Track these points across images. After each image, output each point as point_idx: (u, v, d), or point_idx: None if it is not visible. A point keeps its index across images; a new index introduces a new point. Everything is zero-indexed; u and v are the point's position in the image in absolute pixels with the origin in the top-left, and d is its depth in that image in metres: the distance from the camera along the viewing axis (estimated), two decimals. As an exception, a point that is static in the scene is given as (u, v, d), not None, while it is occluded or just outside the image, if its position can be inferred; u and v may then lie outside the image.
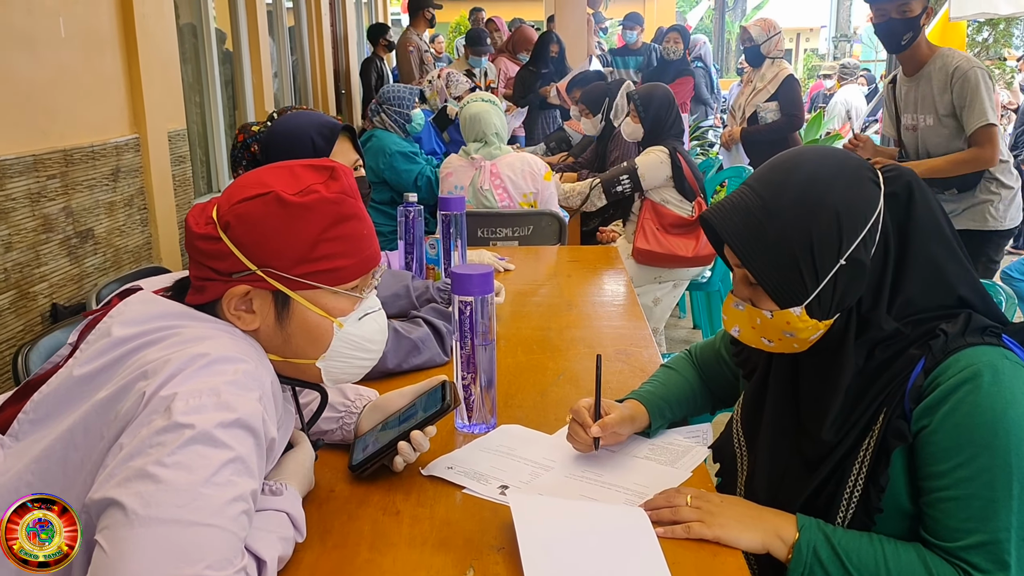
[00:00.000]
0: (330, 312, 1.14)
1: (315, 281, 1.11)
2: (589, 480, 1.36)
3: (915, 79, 3.12)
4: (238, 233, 1.08)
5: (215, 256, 1.09)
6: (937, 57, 3.05)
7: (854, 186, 1.19)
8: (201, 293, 1.12)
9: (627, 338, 2.06)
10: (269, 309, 1.12)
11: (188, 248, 1.12)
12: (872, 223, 1.18)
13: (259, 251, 1.09)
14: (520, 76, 6.28)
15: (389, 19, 11.90)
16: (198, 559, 0.88)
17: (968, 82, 2.95)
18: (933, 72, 3.06)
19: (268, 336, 1.14)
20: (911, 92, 3.14)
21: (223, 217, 1.09)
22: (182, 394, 0.95)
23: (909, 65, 3.13)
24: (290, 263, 1.10)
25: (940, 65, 3.02)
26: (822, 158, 1.23)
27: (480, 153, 3.46)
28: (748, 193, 1.23)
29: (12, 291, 2.55)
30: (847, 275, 1.18)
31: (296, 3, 7.26)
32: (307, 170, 1.13)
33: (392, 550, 1.16)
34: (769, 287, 1.21)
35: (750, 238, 1.20)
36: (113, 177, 3.18)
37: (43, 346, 1.75)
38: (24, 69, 2.65)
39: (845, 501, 1.21)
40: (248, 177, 1.13)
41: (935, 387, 1.14)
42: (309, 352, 1.16)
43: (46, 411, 1.04)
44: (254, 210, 1.08)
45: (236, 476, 0.95)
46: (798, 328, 1.21)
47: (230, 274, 1.10)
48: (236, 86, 5.46)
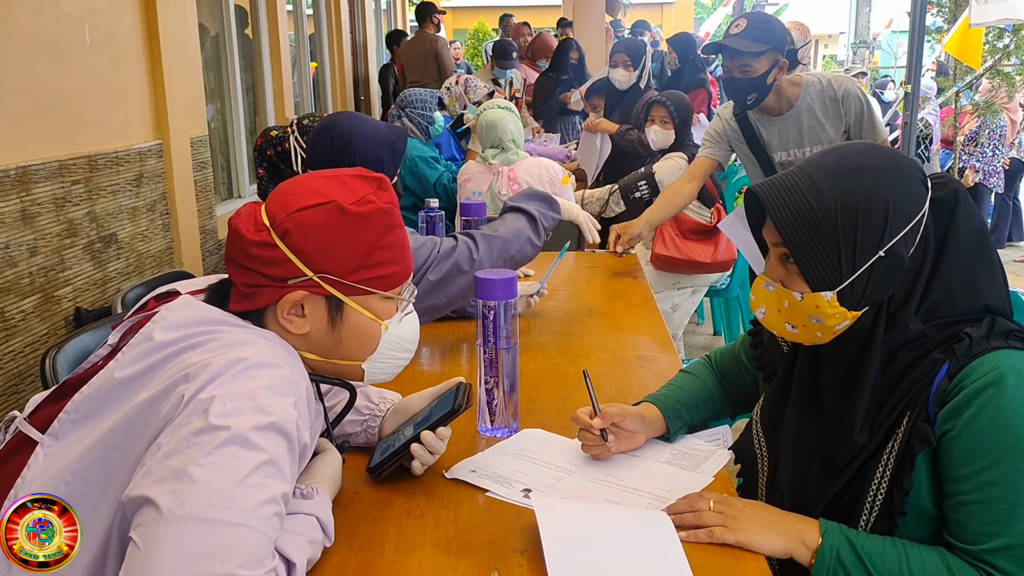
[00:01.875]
0: (378, 315, 1.19)
1: (370, 287, 1.16)
2: (611, 484, 1.36)
3: (785, 118, 2.91)
4: (297, 240, 1.10)
5: (270, 262, 1.11)
6: (809, 87, 2.86)
7: (905, 181, 1.19)
8: (250, 299, 1.13)
9: (646, 344, 2.06)
10: (322, 314, 1.15)
11: (235, 254, 1.13)
12: (916, 221, 1.18)
13: (318, 258, 1.11)
14: (540, 83, 6.31)
15: (408, 26, 11.95)
16: (230, 558, 0.90)
17: (860, 102, 2.85)
18: (813, 104, 2.87)
19: (318, 340, 1.17)
20: (785, 129, 2.93)
21: (280, 225, 1.10)
22: (220, 397, 0.97)
23: (774, 108, 2.90)
24: (348, 270, 1.13)
25: (818, 93, 2.85)
26: (874, 150, 1.24)
27: (498, 159, 3.48)
28: (798, 173, 1.23)
29: (37, 295, 2.59)
30: (884, 267, 1.18)
31: (316, 10, 7.31)
32: (357, 180, 1.16)
33: (417, 552, 1.17)
34: (805, 267, 1.20)
35: (794, 215, 1.19)
36: (136, 183, 3.22)
37: (70, 349, 1.77)
38: (50, 76, 2.69)
39: (868, 504, 1.21)
40: (297, 185, 1.15)
41: (959, 391, 1.14)
42: (357, 354, 1.21)
43: (87, 411, 1.06)
44: (314, 218, 1.10)
45: (269, 479, 0.96)
46: (826, 314, 1.20)
47: (285, 280, 1.12)
48: (257, 92, 5.50)
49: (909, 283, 1.20)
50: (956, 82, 6.95)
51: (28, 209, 2.54)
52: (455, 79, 5.21)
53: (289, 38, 5.99)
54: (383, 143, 1.94)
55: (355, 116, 2.01)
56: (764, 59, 2.71)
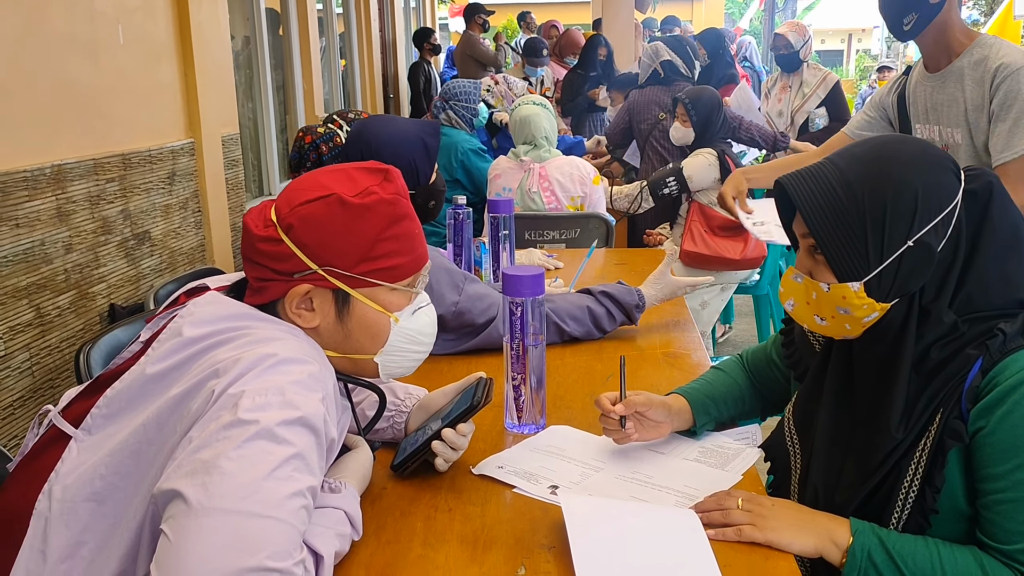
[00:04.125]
0: (387, 308, 1.19)
1: (375, 279, 1.16)
2: (639, 482, 1.36)
3: (939, 77, 2.24)
4: (300, 234, 1.11)
5: (276, 257, 1.12)
6: (976, 47, 2.18)
7: (935, 172, 1.18)
8: (260, 294, 1.15)
9: (675, 341, 2.05)
10: (330, 307, 1.16)
11: (246, 250, 1.15)
12: (947, 213, 1.17)
13: (321, 251, 1.12)
14: (568, 79, 6.29)
15: (437, 24, 11.98)
16: (259, 549, 0.90)
17: (1018, 86, 2.08)
18: (966, 68, 2.18)
19: (328, 333, 1.17)
20: (932, 94, 2.28)
21: (285, 219, 1.12)
22: (249, 392, 0.98)
23: (931, 57, 2.27)
24: (351, 262, 1.14)
25: (978, 58, 2.16)
26: (904, 141, 1.23)
27: (529, 156, 3.47)
28: (828, 165, 1.23)
29: (72, 291, 2.63)
30: (913, 258, 1.16)
31: (346, 9, 7.35)
32: (362, 172, 1.17)
33: (444, 547, 1.17)
34: (832, 256, 1.19)
35: (822, 204, 1.19)
36: (169, 180, 3.26)
37: (104, 344, 1.80)
38: (85, 75, 2.73)
39: (900, 502, 1.19)
40: (304, 180, 1.17)
41: (992, 388, 1.13)
42: (368, 347, 1.20)
43: (119, 406, 1.07)
44: (316, 212, 1.11)
45: (297, 472, 0.97)
46: (853, 305, 1.19)
47: (291, 274, 1.13)
48: (287, 91, 5.55)
49: (941, 275, 1.18)
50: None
51: (63, 207, 2.58)
52: (491, 79, 5.19)
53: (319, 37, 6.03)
54: (413, 143, 1.94)
55: (383, 120, 2.01)
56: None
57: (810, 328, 1.29)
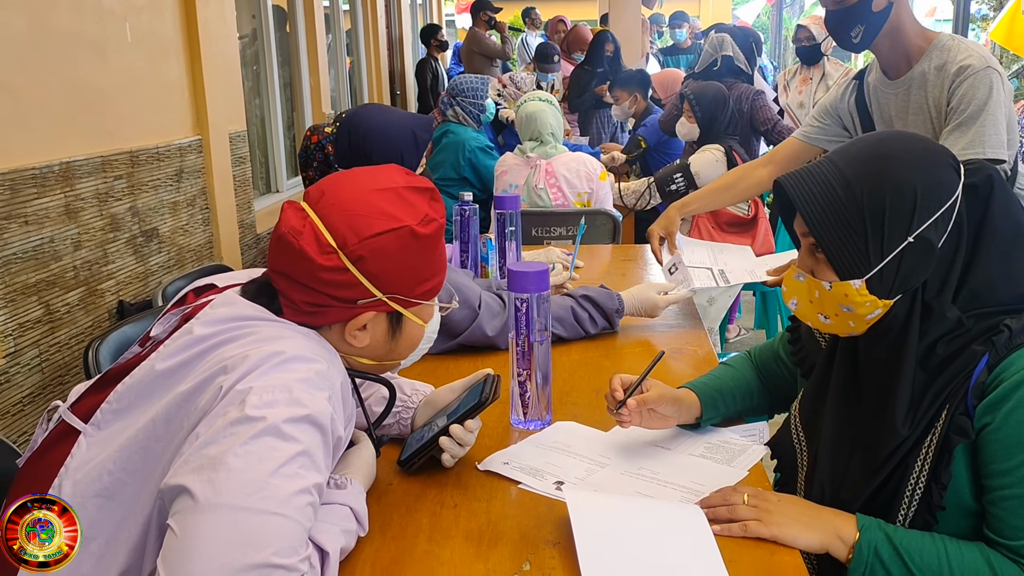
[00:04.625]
0: (425, 319, 1.23)
1: (426, 298, 1.19)
2: (644, 477, 1.36)
3: (903, 83, 2.17)
4: (371, 266, 1.11)
5: (340, 286, 1.11)
6: (935, 50, 2.11)
7: (933, 168, 1.18)
8: (313, 317, 1.14)
9: (682, 337, 2.05)
10: (383, 328, 1.18)
11: (298, 274, 1.10)
12: (947, 208, 1.16)
13: (388, 280, 1.13)
14: (575, 75, 6.28)
15: (444, 20, 11.97)
16: (265, 545, 0.91)
17: (975, 89, 2.01)
18: (928, 73, 2.11)
19: (373, 349, 1.20)
20: (897, 101, 2.20)
21: (355, 251, 1.10)
22: (256, 389, 0.99)
23: (889, 64, 2.20)
24: (413, 287, 1.16)
25: (938, 62, 2.09)
26: (904, 139, 1.23)
27: (536, 152, 3.47)
28: (826, 163, 1.23)
29: (81, 288, 2.64)
30: (914, 254, 1.16)
31: (353, 6, 7.36)
32: (414, 194, 1.16)
33: (450, 543, 1.18)
34: (832, 255, 1.20)
35: (821, 203, 1.19)
36: (177, 178, 3.27)
37: (112, 341, 1.81)
38: (92, 73, 2.74)
39: (907, 498, 1.19)
40: (360, 204, 1.12)
41: (998, 383, 1.13)
42: (403, 355, 1.25)
43: (128, 402, 1.08)
44: (389, 245, 1.11)
45: (303, 469, 0.98)
46: (856, 303, 1.19)
47: (354, 301, 1.13)
48: (294, 88, 5.55)
49: (944, 271, 1.18)
50: (1002, 71, 6.79)
51: (72, 204, 2.59)
52: (500, 81, 5.17)
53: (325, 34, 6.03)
54: (403, 135, 1.94)
55: (378, 109, 2.01)
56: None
57: (814, 326, 1.29)
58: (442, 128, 4.15)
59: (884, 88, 2.23)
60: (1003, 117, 2.03)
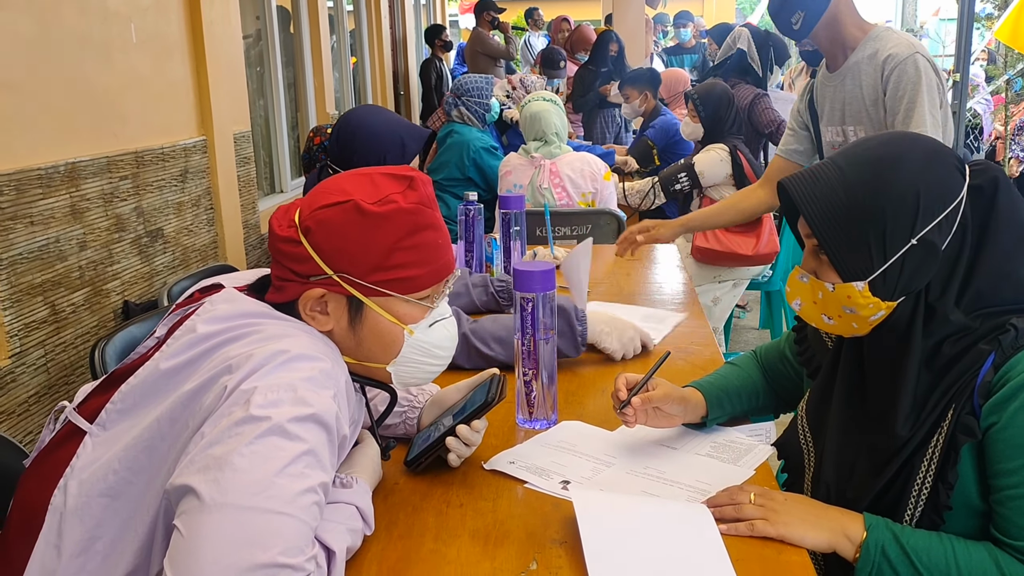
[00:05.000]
0: (401, 319, 1.18)
1: (388, 289, 1.15)
2: (651, 477, 1.36)
3: (839, 75, 2.23)
4: (318, 238, 1.11)
5: (295, 259, 1.13)
6: (869, 40, 2.17)
7: (936, 170, 1.18)
8: (280, 292, 1.16)
9: (688, 337, 2.05)
10: (343, 313, 1.16)
11: (271, 248, 1.16)
12: (951, 210, 1.16)
13: (337, 257, 1.12)
14: (579, 75, 6.28)
15: (447, 20, 11.98)
16: (271, 545, 0.91)
17: (905, 76, 2.07)
18: (862, 63, 2.17)
19: (341, 338, 1.18)
20: (835, 93, 2.26)
21: (304, 222, 1.12)
22: (261, 388, 0.99)
23: (829, 55, 2.26)
24: (365, 270, 1.13)
25: (870, 51, 2.15)
26: (906, 139, 1.23)
27: (540, 152, 3.47)
28: (829, 165, 1.23)
29: (87, 288, 2.65)
30: (917, 256, 1.16)
31: (357, 6, 7.36)
32: (387, 179, 1.16)
33: (456, 541, 1.18)
34: (835, 257, 1.20)
35: (823, 205, 1.19)
36: (181, 178, 3.27)
37: (118, 341, 1.81)
38: (98, 74, 2.75)
39: (913, 498, 1.19)
40: (330, 183, 1.16)
41: (1004, 383, 1.12)
42: (380, 356, 1.20)
43: (133, 402, 1.08)
44: (333, 217, 1.11)
45: (308, 468, 0.98)
46: (859, 304, 1.19)
47: (308, 277, 1.13)
48: (298, 88, 5.56)
49: (947, 272, 1.18)
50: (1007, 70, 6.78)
51: (77, 204, 2.59)
52: (508, 83, 5.17)
53: (329, 35, 6.04)
54: (391, 138, 1.93)
55: (373, 110, 2.01)
56: None
57: (818, 327, 1.30)
58: (446, 128, 4.15)
59: (826, 82, 2.29)
60: (937, 98, 2.09)
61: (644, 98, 4.90)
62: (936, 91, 2.09)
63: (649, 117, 4.91)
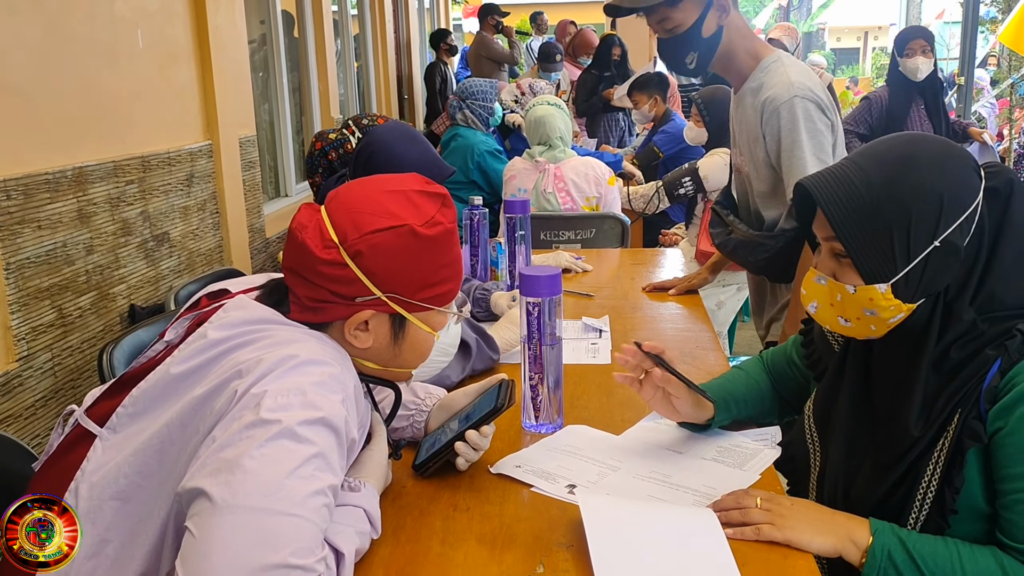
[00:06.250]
0: (434, 328, 1.21)
1: (432, 304, 1.17)
2: (657, 481, 1.36)
3: (737, 99, 2.18)
4: (370, 263, 1.11)
5: (339, 281, 1.12)
6: (758, 71, 2.09)
7: (958, 171, 1.18)
8: (315, 313, 1.14)
9: (692, 340, 2.05)
10: (386, 330, 1.17)
11: (301, 268, 1.12)
12: (971, 211, 1.16)
13: (387, 279, 1.13)
14: (582, 79, 6.29)
15: (451, 24, 11.99)
16: (282, 546, 0.92)
17: (782, 121, 1.99)
18: (747, 94, 2.12)
19: (377, 352, 1.19)
20: (735, 112, 2.21)
21: (353, 245, 1.10)
22: (271, 392, 1.00)
23: (732, 82, 2.20)
24: (414, 289, 1.15)
25: (755, 84, 2.09)
26: (928, 142, 1.22)
27: (544, 156, 3.48)
28: (850, 165, 1.22)
29: (93, 292, 2.66)
30: (939, 258, 1.16)
31: (361, 10, 7.38)
32: (423, 198, 1.16)
33: (463, 545, 1.18)
34: (859, 259, 1.19)
35: (847, 207, 1.18)
36: (187, 182, 3.29)
37: (126, 345, 1.82)
38: (105, 79, 2.76)
39: (919, 502, 1.19)
40: (365, 201, 1.14)
41: (1011, 388, 1.13)
42: (412, 364, 1.24)
43: (144, 406, 1.09)
44: (388, 242, 1.11)
45: (318, 471, 0.99)
46: (880, 307, 1.19)
47: (353, 298, 1.13)
48: (303, 93, 5.58)
49: (965, 273, 1.18)
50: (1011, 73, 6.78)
51: (84, 209, 2.60)
52: (517, 88, 5.16)
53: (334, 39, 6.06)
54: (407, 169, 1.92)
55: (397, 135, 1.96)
56: (687, 4, 2.01)
57: (832, 329, 1.29)
58: (450, 132, 4.16)
59: (734, 102, 2.24)
60: (826, 137, 2.00)
61: (654, 102, 4.89)
62: (821, 132, 2.00)
63: (659, 122, 4.89)
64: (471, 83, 4.19)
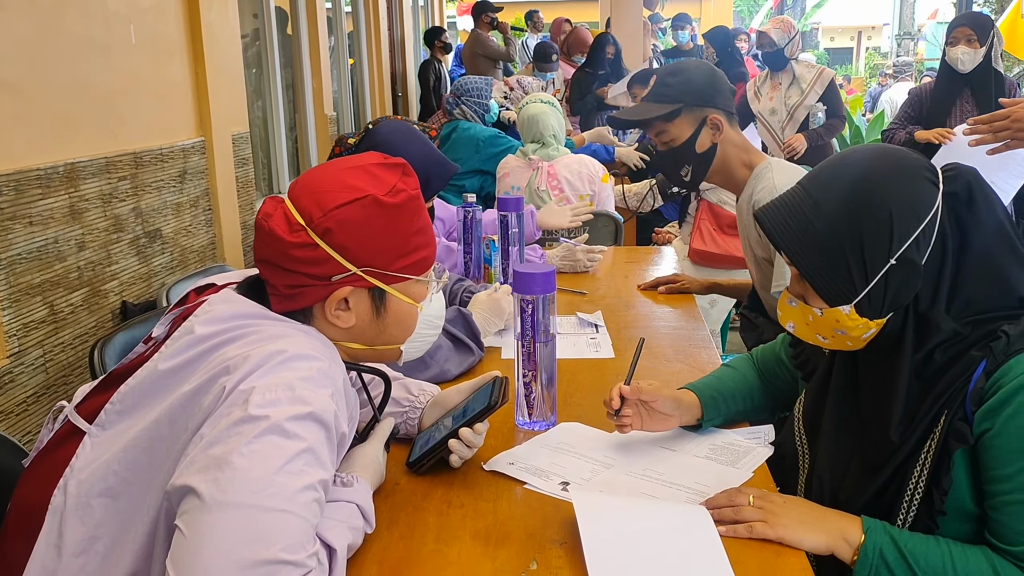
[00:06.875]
0: (415, 299, 1.21)
1: (409, 273, 1.18)
2: (650, 479, 1.36)
3: (739, 205, 2.25)
4: (340, 238, 1.11)
5: (312, 262, 1.11)
6: (752, 180, 2.13)
7: (907, 185, 1.18)
8: (294, 300, 1.14)
9: (685, 338, 2.05)
10: (366, 306, 1.17)
11: (273, 256, 1.12)
12: (927, 223, 1.16)
13: (361, 253, 1.13)
14: (576, 78, 6.28)
15: (445, 22, 11.98)
16: (273, 542, 0.91)
17: None
18: (744, 204, 2.17)
19: (362, 330, 1.19)
20: (740, 224, 2.29)
21: (320, 224, 1.10)
22: (259, 388, 0.99)
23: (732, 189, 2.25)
24: (389, 260, 1.15)
25: (748, 194, 2.13)
26: (875, 157, 1.22)
27: (538, 154, 3.47)
28: (798, 191, 1.24)
29: (85, 288, 2.65)
30: (898, 275, 1.17)
31: (355, 7, 7.37)
32: (382, 169, 1.17)
33: (457, 542, 1.18)
34: (817, 285, 1.21)
35: (798, 236, 1.20)
36: (180, 179, 3.27)
37: (118, 341, 1.82)
38: (97, 75, 2.75)
39: (906, 503, 1.19)
40: (324, 180, 1.15)
41: (997, 389, 1.13)
42: (399, 338, 1.23)
43: (132, 403, 1.08)
44: (354, 215, 1.11)
45: (308, 466, 0.98)
46: (848, 327, 1.21)
47: (329, 277, 1.13)
48: (296, 90, 5.56)
49: (934, 282, 1.18)
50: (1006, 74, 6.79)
51: (76, 205, 2.59)
52: (506, 85, 5.16)
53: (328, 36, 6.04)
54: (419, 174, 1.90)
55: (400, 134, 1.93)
56: (681, 121, 2.08)
57: (814, 344, 1.31)
58: (450, 126, 4.14)
59: (738, 212, 2.28)
60: None
61: None
62: None
63: None
64: (467, 80, 4.19)
